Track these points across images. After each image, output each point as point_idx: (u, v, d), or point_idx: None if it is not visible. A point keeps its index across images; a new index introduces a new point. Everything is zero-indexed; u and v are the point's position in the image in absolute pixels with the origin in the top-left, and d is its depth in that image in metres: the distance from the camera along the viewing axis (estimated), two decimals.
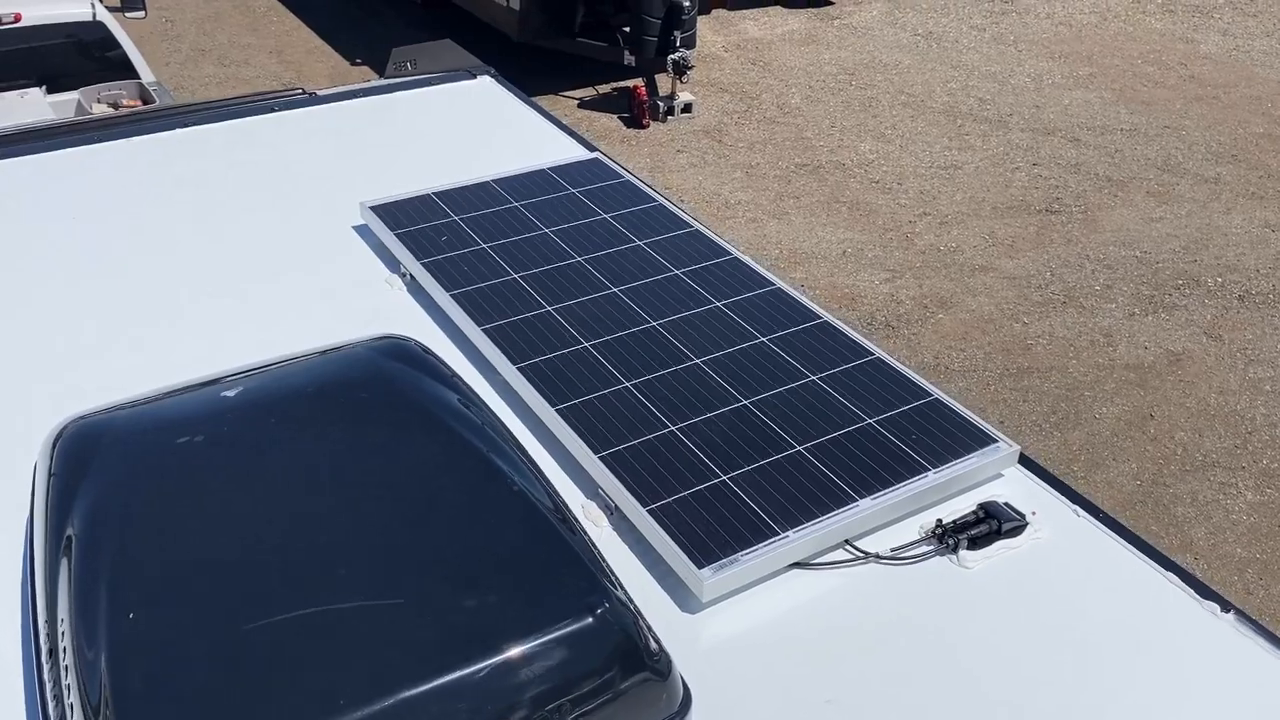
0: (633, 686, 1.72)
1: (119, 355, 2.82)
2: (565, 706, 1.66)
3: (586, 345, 2.76)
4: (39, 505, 1.97)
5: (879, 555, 2.26)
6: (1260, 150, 9.96)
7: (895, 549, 2.28)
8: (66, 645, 1.69)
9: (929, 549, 2.28)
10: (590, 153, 3.81)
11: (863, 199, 9.07)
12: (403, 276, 3.15)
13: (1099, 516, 2.37)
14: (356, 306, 3.03)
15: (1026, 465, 2.52)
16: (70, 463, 2.00)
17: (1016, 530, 2.30)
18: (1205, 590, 2.19)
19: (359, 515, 1.87)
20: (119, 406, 2.16)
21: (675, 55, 10.04)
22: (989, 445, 2.46)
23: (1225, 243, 8.55)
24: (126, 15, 8.63)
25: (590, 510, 2.37)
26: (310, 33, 12.09)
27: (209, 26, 12.20)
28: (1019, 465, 2.51)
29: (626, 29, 10.42)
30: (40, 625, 1.82)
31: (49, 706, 1.71)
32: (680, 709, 1.79)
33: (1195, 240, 8.58)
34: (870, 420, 2.52)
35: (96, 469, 1.97)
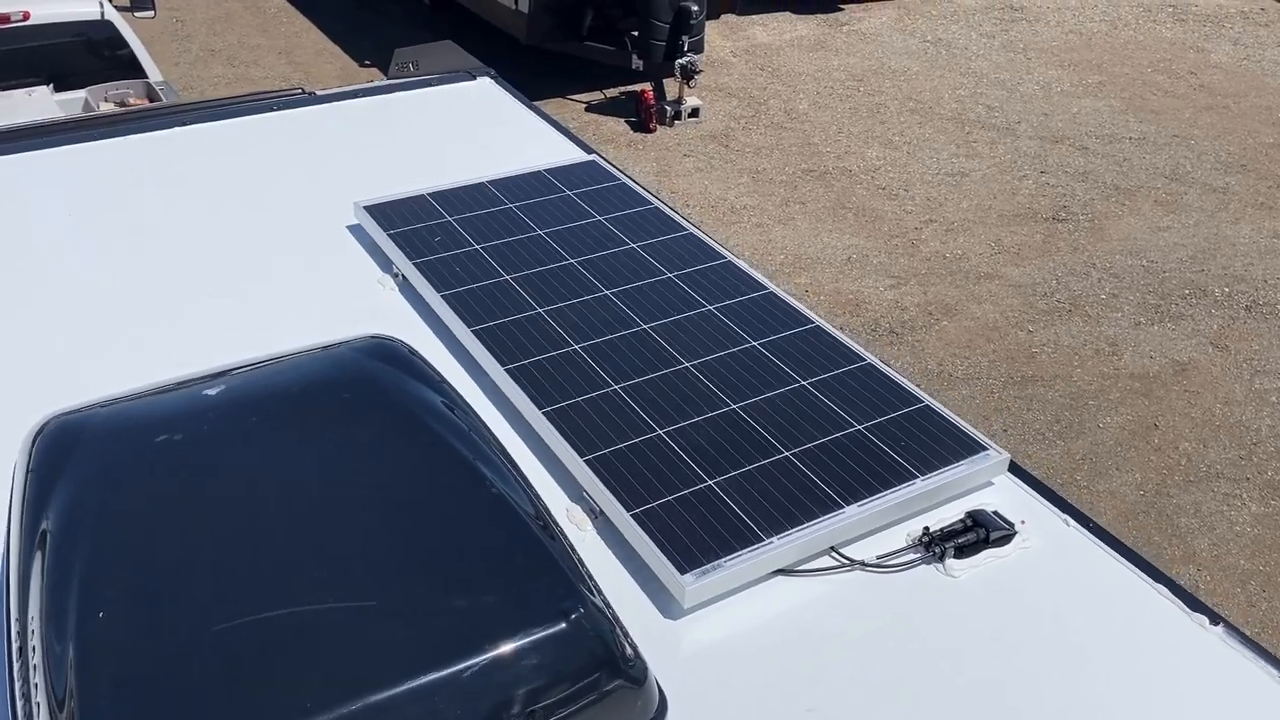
0: (606, 693, 1.70)
1: (110, 352, 2.81)
2: (537, 712, 1.64)
3: (576, 348, 2.74)
4: (15, 501, 1.96)
5: (864, 563, 2.24)
6: (1270, 160, 9.90)
7: (881, 556, 2.25)
8: (36, 643, 1.68)
9: (915, 557, 2.26)
10: (587, 155, 3.79)
11: (869, 205, 9.04)
12: (395, 277, 3.13)
13: (1089, 526, 2.34)
14: (348, 306, 3.02)
15: (1017, 474, 2.49)
16: (47, 459, 1.99)
17: (1005, 539, 2.28)
18: (1195, 603, 2.16)
19: (334, 517, 1.85)
20: (100, 404, 2.15)
21: (683, 60, 10.04)
22: (979, 453, 2.43)
23: (1233, 253, 8.50)
24: (135, 15, 8.64)
25: (575, 514, 2.35)
26: (320, 34, 12.11)
27: (219, 27, 12.23)
28: (1009, 473, 2.48)
29: (634, 33, 10.41)
30: (12, 623, 1.80)
31: (17, 705, 1.70)
32: (656, 717, 1.77)
33: (1203, 250, 8.53)
34: (859, 426, 2.50)
35: (73, 466, 1.95)
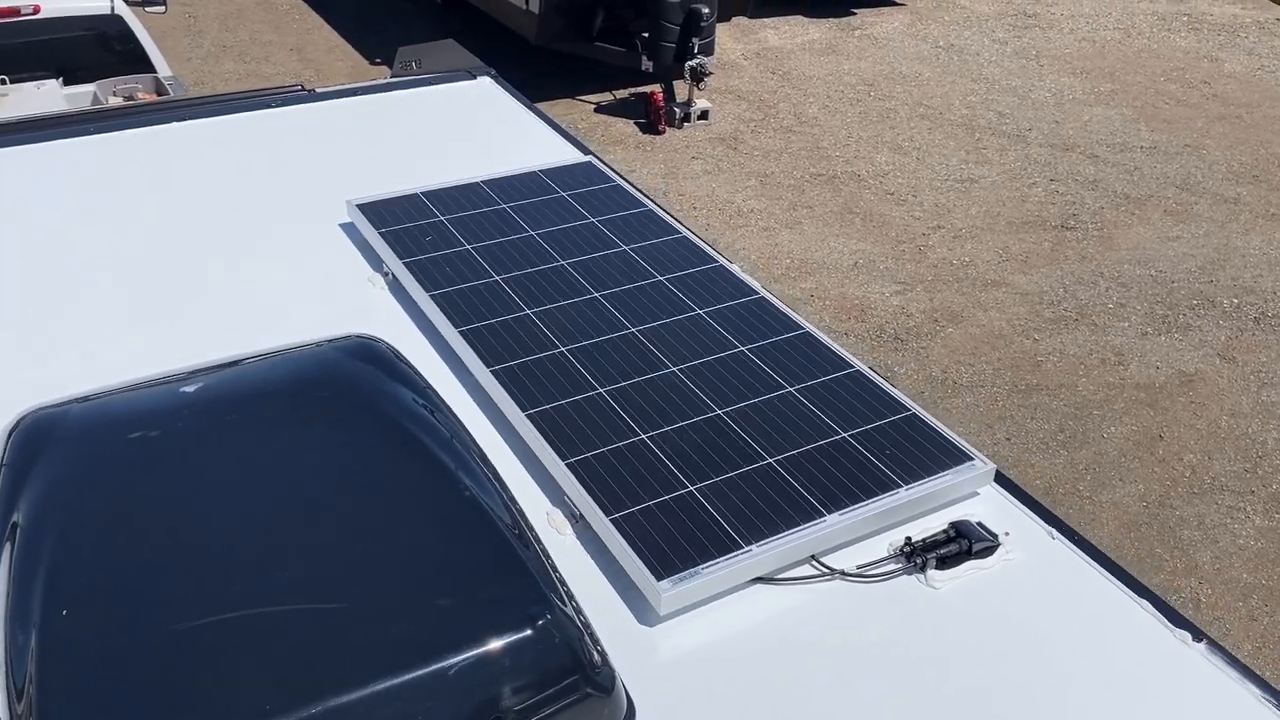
0: (572, 700, 1.68)
1: (96, 347, 2.80)
2: (501, 717, 1.63)
3: (562, 350, 2.73)
4: None
5: (845, 572, 2.21)
6: None
7: (862, 566, 2.23)
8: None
9: (896, 567, 2.23)
10: (584, 156, 3.77)
11: (876, 210, 9.01)
12: (385, 276, 3.12)
13: (1073, 539, 2.31)
14: (337, 305, 3.01)
15: (1003, 484, 2.47)
16: (22, 453, 1.98)
17: (988, 550, 2.25)
18: (1178, 618, 2.13)
19: (306, 517, 1.84)
20: (78, 399, 2.14)
21: (693, 62, 10.01)
22: (965, 463, 2.41)
23: (1243, 264, 8.44)
24: (146, 9, 8.65)
25: (555, 518, 2.33)
26: (331, 31, 12.13)
27: (231, 23, 12.25)
28: (995, 484, 2.46)
29: (645, 34, 10.40)
30: None
31: None
32: None
33: (1212, 260, 8.47)
34: (845, 434, 2.47)
35: (46, 461, 1.94)
